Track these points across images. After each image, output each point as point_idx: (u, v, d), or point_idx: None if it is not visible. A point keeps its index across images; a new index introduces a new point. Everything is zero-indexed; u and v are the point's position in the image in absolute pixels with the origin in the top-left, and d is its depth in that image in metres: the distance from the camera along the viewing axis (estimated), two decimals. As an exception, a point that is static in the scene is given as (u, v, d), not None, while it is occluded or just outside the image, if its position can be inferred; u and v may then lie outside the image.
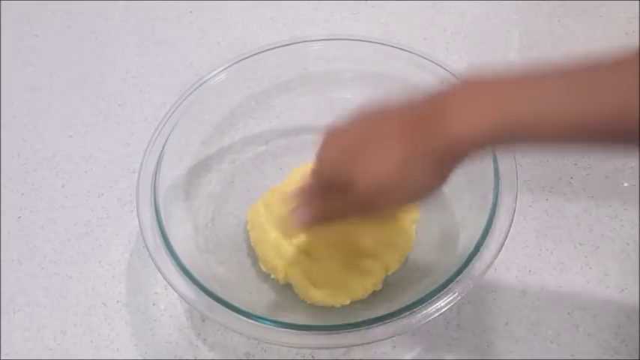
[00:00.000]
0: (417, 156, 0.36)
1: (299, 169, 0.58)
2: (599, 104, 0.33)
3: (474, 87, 0.36)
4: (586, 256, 0.55)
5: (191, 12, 0.78)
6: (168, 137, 0.53)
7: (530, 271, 0.54)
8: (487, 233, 0.46)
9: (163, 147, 0.52)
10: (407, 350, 0.50)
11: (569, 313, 0.52)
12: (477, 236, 0.46)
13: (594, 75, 0.34)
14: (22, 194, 0.62)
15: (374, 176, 0.37)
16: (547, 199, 0.58)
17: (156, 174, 0.50)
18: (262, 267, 0.53)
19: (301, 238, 0.52)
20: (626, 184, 0.59)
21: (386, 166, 0.37)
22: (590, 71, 0.35)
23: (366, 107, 0.40)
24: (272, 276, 0.52)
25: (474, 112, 0.35)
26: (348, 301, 0.50)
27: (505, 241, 0.45)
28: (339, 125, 0.41)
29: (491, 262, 0.44)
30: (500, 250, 0.45)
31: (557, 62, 0.35)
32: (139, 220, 0.48)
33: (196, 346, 0.51)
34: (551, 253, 0.55)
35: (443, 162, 0.36)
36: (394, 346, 0.50)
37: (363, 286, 0.50)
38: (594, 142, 0.35)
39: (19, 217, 0.60)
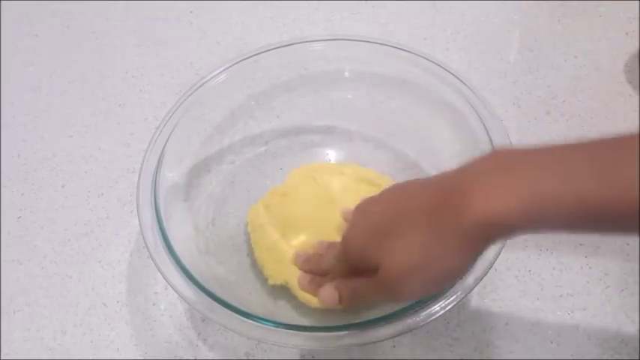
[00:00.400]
0: (441, 240, 0.35)
1: (298, 170, 0.58)
2: (629, 186, 0.31)
3: (495, 164, 0.34)
4: (586, 256, 0.55)
5: (191, 12, 0.78)
6: (168, 137, 0.52)
7: (530, 271, 0.54)
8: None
9: (164, 147, 0.52)
10: (407, 350, 0.50)
11: (569, 313, 0.52)
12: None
13: (612, 156, 0.32)
14: (22, 194, 0.62)
15: (396, 266, 0.36)
16: (547, 199, 0.58)
17: (156, 174, 0.50)
18: (262, 270, 0.52)
19: (301, 242, 0.52)
20: (626, 184, 0.59)
21: (408, 256, 0.36)
22: (615, 150, 0.33)
23: (393, 187, 0.40)
24: (270, 281, 0.51)
25: (499, 190, 0.33)
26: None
27: (505, 242, 0.45)
28: (366, 204, 0.41)
29: (494, 260, 0.44)
30: (502, 248, 0.45)
31: (579, 140, 0.33)
32: (139, 220, 0.48)
33: (196, 346, 0.51)
34: (551, 253, 0.55)
35: (469, 245, 0.35)
36: (394, 346, 0.50)
37: None
38: (625, 225, 0.33)
39: (19, 217, 0.60)
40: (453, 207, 0.34)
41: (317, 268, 0.48)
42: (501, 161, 0.34)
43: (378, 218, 0.39)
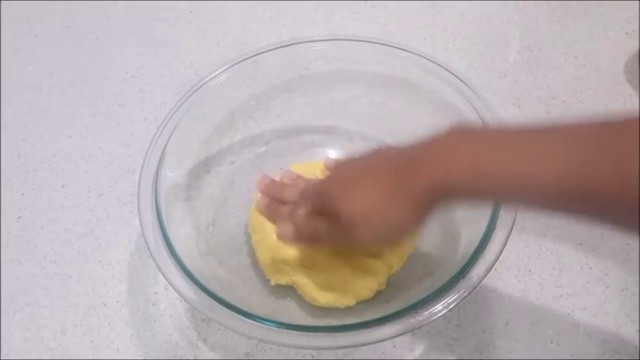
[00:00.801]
0: (396, 197, 0.39)
1: (299, 166, 0.58)
2: (587, 169, 0.31)
3: (458, 136, 0.38)
4: (586, 256, 0.55)
5: (191, 12, 0.78)
6: (169, 138, 0.52)
7: (530, 271, 0.54)
8: (490, 232, 0.45)
9: (164, 147, 0.52)
10: (407, 350, 0.50)
11: (569, 313, 0.52)
12: (480, 234, 0.46)
13: (586, 136, 0.32)
14: (22, 194, 0.62)
15: (354, 211, 0.40)
16: (547, 199, 0.58)
17: (157, 174, 0.50)
18: (263, 271, 0.52)
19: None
20: (626, 184, 0.59)
21: (366, 204, 0.40)
22: (582, 132, 0.33)
23: (367, 150, 0.44)
24: (272, 282, 0.51)
25: (450, 160, 0.37)
26: (353, 303, 0.50)
27: (508, 239, 0.45)
28: (345, 161, 0.45)
29: (495, 260, 0.44)
30: (503, 249, 0.45)
31: (550, 121, 0.34)
32: (140, 220, 0.48)
33: (196, 346, 0.51)
34: (551, 253, 0.55)
35: (418, 204, 0.38)
36: (394, 346, 0.50)
37: (367, 286, 0.50)
38: (578, 210, 0.34)
39: (19, 217, 0.60)
40: (410, 170, 0.38)
41: (278, 196, 0.52)
42: (457, 134, 0.38)
43: (350, 172, 0.43)
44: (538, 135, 0.35)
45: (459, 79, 0.55)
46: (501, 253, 0.45)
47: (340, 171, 0.45)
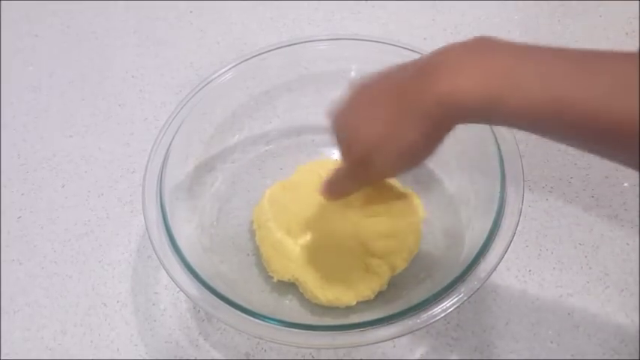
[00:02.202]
0: (405, 114, 0.36)
1: (304, 166, 0.58)
2: (594, 94, 0.31)
3: (472, 47, 0.35)
4: (586, 256, 0.55)
5: (191, 12, 0.78)
6: (173, 137, 0.53)
7: (530, 271, 0.54)
8: (493, 234, 0.45)
9: (169, 147, 0.52)
10: (407, 350, 0.50)
11: (569, 313, 0.52)
12: (483, 237, 0.46)
13: (595, 61, 0.32)
14: (22, 194, 0.62)
15: (365, 133, 0.39)
16: (547, 199, 0.58)
17: (161, 172, 0.50)
18: (266, 267, 0.52)
19: (307, 238, 0.52)
20: (626, 184, 0.59)
21: (376, 124, 0.38)
22: (593, 57, 0.32)
23: (370, 75, 0.41)
24: (274, 279, 0.52)
25: (470, 70, 0.33)
26: (354, 302, 0.50)
27: (511, 242, 0.45)
28: (355, 87, 0.42)
29: (498, 263, 0.44)
30: (506, 251, 0.45)
31: (564, 47, 0.34)
32: (144, 217, 0.48)
33: (196, 346, 0.51)
34: (551, 253, 0.55)
35: (427, 121, 0.36)
36: (394, 346, 0.50)
37: (369, 286, 0.50)
38: (583, 135, 0.33)
39: (19, 217, 0.60)
40: (420, 85, 0.35)
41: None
42: (478, 46, 0.35)
43: (359, 97, 0.41)
44: (547, 56, 0.33)
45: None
46: (503, 258, 0.45)
47: (355, 96, 0.42)
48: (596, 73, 0.31)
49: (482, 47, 0.35)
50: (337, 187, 0.47)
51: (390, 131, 0.37)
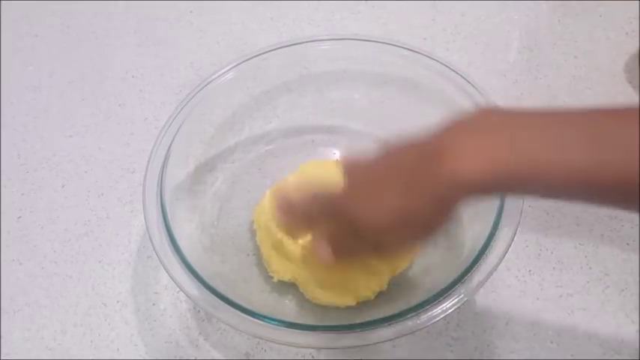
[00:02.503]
0: (415, 197, 0.36)
1: (304, 166, 0.58)
2: (615, 158, 0.31)
3: (477, 122, 0.35)
4: (586, 256, 0.55)
5: (191, 12, 0.78)
6: (174, 137, 0.53)
7: (530, 271, 0.54)
8: (493, 234, 0.45)
9: (169, 147, 0.52)
10: (407, 350, 0.50)
11: (569, 313, 0.52)
12: (483, 237, 0.46)
13: (610, 126, 0.32)
14: (22, 194, 0.62)
15: (376, 217, 0.38)
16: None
17: (162, 172, 0.50)
18: (266, 267, 0.52)
19: (307, 239, 0.52)
20: (626, 184, 0.59)
21: (387, 209, 0.38)
22: (606, 121, 0.32)
23: (383, 146, 0.41)
24: (275, 279, 0.52)
25: (478, 148, 0.33)
26: (354, 302, 0.50)
27: (511, 242, 0.45)
28: (355, 171, 0.42)
29: (498, 263, 0.44)
30: (506, 251, 0.45)
31: (566, 108, 0.33)
32: (145, 218, 0.48)
33: (196, 346, 0.51)
34: (551, 253, 0.55)
35: (443, 203, 0.36)
36: (394, 346, 0.50)
37: (369, 287, 0.50)
38: (610, 199, 0.33)
39: (19, 217, 0.60)
40: (429, 166, 0.35)
41: (302, 216, 0.47)
42: (482, 122, 0.35)
43: (366, 180, 0.40)
44: (556, 120, 0.33)
45: (464, 77, 0.55)
46: (503, 258, 0.45)
47: (356, 180, 0.41)
48: (602, 138, 0.32)
49: (483, 123, 0.35)
50: (342, 251, 0.44)
51: (402, 212, 0.37)
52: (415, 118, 0.58)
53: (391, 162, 0.39)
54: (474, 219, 0.51)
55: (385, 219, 0.38)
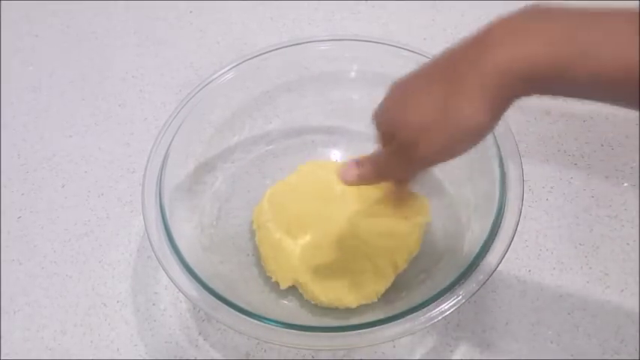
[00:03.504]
0: (458, 89, 0.33)
1: (304, 166, 0.58)
2: None
3: (528, 16, 0.32)
4: (586, 256, 0.55)
5: (191, 12, 0.78)
6: (173, 137, 0.53)
7: (530, 271, 0.54)
8: (493, 234, 0.45)
9: (169, 147, 0.52)
10: (407, 350, 0.50)
11: (569, 313, 0.52)
12: (483, 239, 0.46)
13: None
14: (22, 194, 0.62)
15: (413, 114, 0.35)
16: (547, 199, 0.58)
17: (161, 172, 0.50)
18: (265, 269, 0.52)
19: (307, 238, 0.52)
20: (626, 184, 0.59)
21: (426, 103, 0.34)
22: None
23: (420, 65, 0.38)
24: (273, 279, 0.52)
25: (531, 37, 0.31)
26: (355, 304, 0.50)
27: (510, 245, 0.45)
28: (399, 80, 0.39)
29: (498, 263, 0.44)
30: (506, 251, 0.45)
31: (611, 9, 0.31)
32: (144, 219, 0.48)
33: (196, 346, 0.51)
34: (551, 253, 0.55)
35: (493, 93, 0.32)
36: (394, 346, 0.50)
37: (374, 289, 0.50)
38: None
39: (19, 217, 0.60)
40: (475, 57, 0.32)
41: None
42: (535, 13, 0.32)
43: (405, 88, 0.37)
44: (603, 16, 0.31)
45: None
46: (503, 258, 0.45)
47: (397, 88, 0.38)
48: None
49: (540, 14, 0.32)
50: (370, 171, 0.41)
51: (442, 109, 0.33)
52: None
53: (436, 62, 0.37)
54: (473, 219, 0.51)
55: (423, 115, 0.34)
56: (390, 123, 0.37)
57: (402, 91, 0.37)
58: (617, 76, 0.30)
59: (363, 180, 0.41)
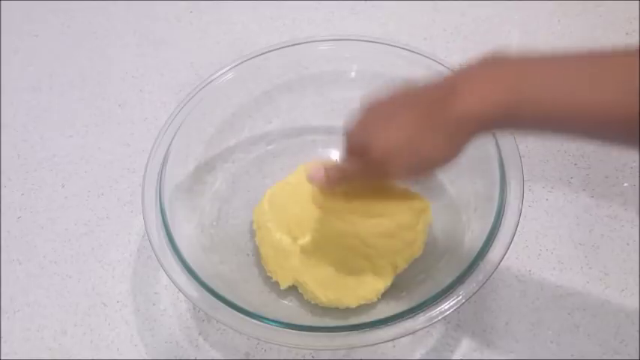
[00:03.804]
0: (429, 126, 0.38)
1: (304, 166, 0.58)
2: (614, 90, 0.33)
3: (487, 64, 0.37)
4: (586, 256, 0.55)
5: (191, 12, 0.78)
6: (173, 137, 0.53)
7: (530, 271, 0.54)
8: (493, 234, 0.45)
9: (169, 147, 0.52)
10: (407, 350, 0.50)
11: (569, 313, 0.52)
12: (483, 238, 0.46)
13: (611, 59, 0.34)
14: (22, 194, 0.62)
15: (385, 139, 0.40)
16: (547, 199, 0.58)
17: (161, 172, 0.50)
18: (265, 269, 0.52)
19: (307, 239, 0.52)
20: (626, 184, 0.59)
21: (397, 132, 0.39)
22: (607, 56, 0.35)
23: (392, 88, 0.43)
24: (273, 279, 0.52)
25: (485, 87, 0.35)
26: (355, 304, 0.50)
27: (510, 245, 0.45)
28: (371, 103, 0.44)
29: (498, 263, 0.44)
30: (506, 251, 0.45)
31: (571, 48, 0.35)
32: (144, 219, 0.48)
33: (196, 346, 0.51)
34: (551, 253, 0.55)
35: (454, 134, 0.38)
36: (394, 346, 0.50)
37: (374, 289, 0.50)
38: (606, 132, 0.35)
39: (19, 217, 0.60)
40: (444, 101, 0.37)
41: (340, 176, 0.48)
42: (489, 61, 0.37)
43: (381, 109, 0.42)
44: (560, 60, 0.35)
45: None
46: (503, 258, 0.45)
47: (371, 110, 0.43)
48: (604, 72, 0.34)
49: (493, 61, 0.37)
50: (338, 178, 0.47)
51: (411, 138, 0.39)
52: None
53: (407, 97, 0.41)
54: (473, 219, 0.51)
55: (393, 139, 0.39)
56: (363, 141, 0.42)
57: (378, 115, 0.42)
58: (560, 116, 0.34)
59: (330, 182, 0.47)
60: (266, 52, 0.58)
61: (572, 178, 0.60)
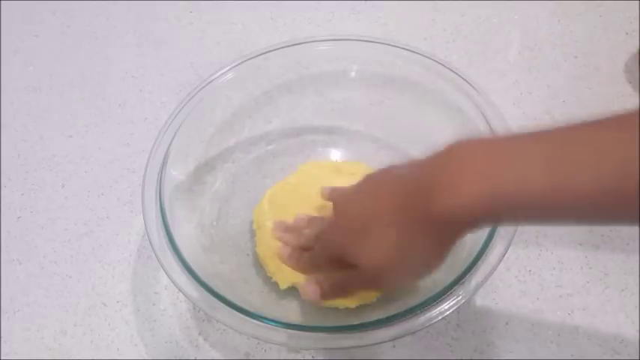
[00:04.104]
0: (415, 237, 0.37)
1: (304, 166, 0.58)
2: (597, 175, 0.30)
3: (459, 159, 0.35)
4: (586, 256, 0.55)
5: (191, 12, 0.78)
6: (173, 137, 0.53)
7: (530, 271, 0.54)
8: (493, 234, 0.45)
9: (169, 147, 0.52)
10: (407, 350, 0.50)
11: (569, 313, 0.52)
12: (483, 237, 0.45)
13: (589, 141, 0.31)
14: (22, 194, 0.62)
15: (375, 261, 0.38)
16: (547, 199, 0.58)
17: (161, 172, 0.50)
18: (265, 269, 0.52)
19: None
20: (626, 184, 0.59)
21: (385, 253, 0.38)
22: (585, 137, 0.32)
23: (366, 181, 0.42)
24: (272, 279, 0.52)
25: (461, 191, 0.33)
26: (354, 305, 0.49)
27: (511, 242, 0.45)
28: (343, 204, 0.43)
29: (498, 263, 0.44)
30: (506, 251, 0.45)
31: (543, 127, 0.33)
32: (144, 219, 0.48)
33: (196, 346, 0.51)
34: (551, 253, 0.55)
35: (439, 241, 0.37)
36: (394, 346, 0.50)
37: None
38: (598, 215, 0.33)
39: (19, 217, 0.60)
40: (420, 204, 0.35)
41: (296, 242, 0.49)
42: (465, 154, 0.35)
43: (354, 218, 0.40)
44: (535, 144, 0.33)
45: (464, 79, 0.55)
46: (503, 258, 0.45)
47: (343, 219, 0.42)
48: (567, 162, 0.31)
49: (466, 153, 0.35)
50: (330, 292, 0.44)
51: (401, 255, 0.38)
52: (415, 118, 0.58)
53: (376, 194, 0.40)
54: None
55: (380, 258, 0.38)
56: (351, 253, 0.40)
57: (360, 223, 0.39)
58: (547, 200, 0.32)
59: (324, 297, 0.44)
60: (266, 52, 0.58)
61: (572, 178, 0.59)
